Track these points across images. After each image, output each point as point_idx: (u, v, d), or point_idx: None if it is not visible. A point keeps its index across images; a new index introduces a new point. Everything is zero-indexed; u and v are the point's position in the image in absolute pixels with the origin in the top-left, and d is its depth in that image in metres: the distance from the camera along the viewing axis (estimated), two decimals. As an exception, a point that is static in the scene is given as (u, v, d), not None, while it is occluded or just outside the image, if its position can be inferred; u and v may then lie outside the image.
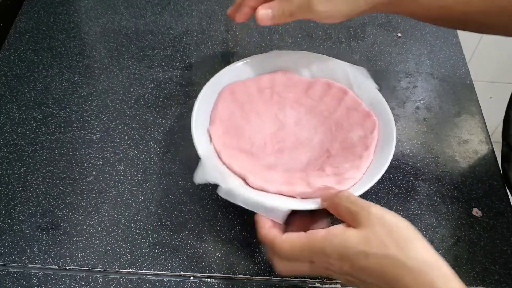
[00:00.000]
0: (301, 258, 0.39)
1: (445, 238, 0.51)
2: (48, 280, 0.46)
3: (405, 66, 0.67)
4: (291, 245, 0.39)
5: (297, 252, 0.39)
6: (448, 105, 0.62)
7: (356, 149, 0.51)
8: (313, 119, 0.55)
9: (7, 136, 0.56)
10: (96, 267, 0.47)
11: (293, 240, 0.39)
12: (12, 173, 0.53)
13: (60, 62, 0.64)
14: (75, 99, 0.60)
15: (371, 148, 0.50)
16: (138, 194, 0.52)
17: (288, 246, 0.39)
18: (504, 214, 0.53)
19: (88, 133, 0.57)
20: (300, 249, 0.39)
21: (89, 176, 0.53)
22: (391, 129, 0.51)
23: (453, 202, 0.53)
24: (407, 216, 0.52)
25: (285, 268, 0.41)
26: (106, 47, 0.66)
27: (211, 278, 0.47)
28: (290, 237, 0.39)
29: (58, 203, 0.51)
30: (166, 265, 0.47)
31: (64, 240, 0.48)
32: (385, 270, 0.35)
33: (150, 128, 0.58)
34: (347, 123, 0.54)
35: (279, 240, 0.40)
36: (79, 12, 0.70)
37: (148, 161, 0.55)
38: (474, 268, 0.49)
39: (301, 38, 0.69)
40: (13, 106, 0.59)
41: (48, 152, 0.55)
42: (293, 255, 0.39)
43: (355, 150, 0.51)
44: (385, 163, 0.48)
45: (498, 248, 0.50)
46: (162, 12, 0.71)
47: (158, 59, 0.65)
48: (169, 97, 0.61)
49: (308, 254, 0.39)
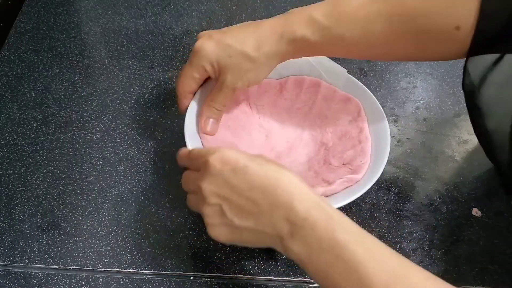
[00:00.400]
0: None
1: (445, 238, 0.51)
2: (48, 280, 0.46)
3: (405, 66, 0.67)
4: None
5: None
6: (447, 105, 0.62)
7: (351, 134, 0.51)
8: (295, 118, 0.56)
9: (7, 136, 0.56)
10: (97, 267, 0.47)
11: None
12: (13, 173, 0.53)
13: (61, 62, 0.64)
14: (75, 99, 0.60)
15: (365, 129, 0.51)
16: (138, 194, 0.52)
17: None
18: (503, 214, 0.53)
19: (89, 133, 0.57)
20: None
21: (89, 176, 0.53)
22: (376, 106, 0.52)
23: (453, 202, 0.53)
24: (407, 216, 0.52)
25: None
26: (106, 47, 0.66)
27: (211, 278, 0.47)
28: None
29: (58, 203, 0.51)
30: (166, 265, 0.47)
31: (64, 240, 0.48)
32: (268, 173, 0.37)
33: (150, 128, 0.58)
34: (330, 112, 0.54)
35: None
36: (79, 12, 0.70)
37: (148, 161, 0.55)
38: (473, 267, 0.49)
39: (301, 38, 0.69)
40: (13, 106, 0.59)
41: (49, 152, 0.55)
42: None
43: (351, 136, 0.51)
44: (386, 140, 0.49)
45: (497, 248, 0.50)
46: (162, 12, 0.71)
47: (158, 59, 0.65)
48: (169, 97, 0.61)
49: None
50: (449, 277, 0.48)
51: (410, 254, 0.49)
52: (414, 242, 0.50)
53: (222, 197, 0.38)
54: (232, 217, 0.37)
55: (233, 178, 0.37)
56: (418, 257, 0.49)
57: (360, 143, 0.50)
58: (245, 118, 0.55)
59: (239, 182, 0.37)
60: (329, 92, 0.55)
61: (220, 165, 0.37)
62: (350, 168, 0.49)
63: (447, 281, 0.48)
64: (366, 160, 0.48)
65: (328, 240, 0.34)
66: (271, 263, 0.48)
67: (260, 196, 0.36)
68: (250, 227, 0.37)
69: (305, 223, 0.35)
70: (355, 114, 0.53)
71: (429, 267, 0.49)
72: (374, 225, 0.51)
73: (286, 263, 0.48)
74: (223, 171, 0.37)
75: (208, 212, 0.39)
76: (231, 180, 0.37)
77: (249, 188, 0.36)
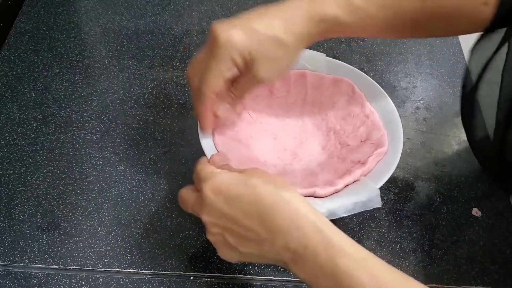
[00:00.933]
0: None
1: (445, 238, 0.51)
2: (48, 280, 0.46)
3: (405, 66, 0.67)
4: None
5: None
6: (447, 105, 0.62)
7: (354, 112, 0.52)
8: (292, 113, 0.56)
9: (7, 136, 0.56)
10: (97, 267, 0.47)
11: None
12: (13, 173, 0.53)
13: (61, 62, 0.64)
14: (75, 99, 0.60)
15: (366, 104, 0.52)
16: (138, 194, 0.52)
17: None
18: (503, 214, 0.53)
19: (89, 133, 0.57)
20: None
21: (89, 176, 0.53)
22: (365, 78, 0.53)
23: (453, 202, 0.53)
24: (407, 216, 0.52)
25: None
26: (107, 47, 0.66)
27: (211, 278, 0.47)
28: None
29: (58, 203, 0.51)
30: (166, 265, 0.47)
31: (64, 240, 0.48)
32: (262, 198, 0.35)
33: (150, 128, 0.58)
34: (324, 98, 0.55)
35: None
36: (79, 12, 0.70)
37: (148, 161, 0.55)
38: (473, 267, 0.49)
39: (301, 38, 0.69)
40: (13, 106, 0.59)
41: (49, 152, 0.55)
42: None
43: (355, 114, 0.52)
44: (391, 108, 0.50)
45: (497, 248, 0.50)
46: (162, 12, 0.71)
47: (158, 59, 0.65)
48: (169, 97, 0.61)
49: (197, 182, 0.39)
50: (449, 277, 0.48)
51: (410, 254, 0.49)
52: (414, 242, 0.50)
53: (222, 227, 0.37)
54: (235, 245, 0.37)
55: (228, 208, 0.36)
56: (418, 257, 0.49)
57: (368, 118, 0.51)
58: (250, 127, 0.54)
59: (235, 212, 0.36)
60: (316, 79, 0.55)
61: (213, 195, 0.36)
62: (371, 143, 0.49)
63: (447, 281, 0.48)
64: (383, 132, 0.50)
65: (330, 268, 0.33)
66: (271, 263, 0.48)
67: (258, 224, 0.35)
68: (255, 253, 0.37)
69: (306, 252, 0.34)
70: (350, 93, 0.53)
71: (429, 267, 0.49)
72: (374, 225, 0.51)
73: (286, 263, 0.48)
74: (217, 202, 0.36)
75: (213, 239, 0.38)
76: (226, 211, 0.36)
77: (245, 217, 0.35)
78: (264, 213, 0.35)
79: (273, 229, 0.35)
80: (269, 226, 0.35)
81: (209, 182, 0.37)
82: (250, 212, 0.35)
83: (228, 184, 0.36)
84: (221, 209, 0.36)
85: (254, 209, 0.35)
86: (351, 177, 0.46)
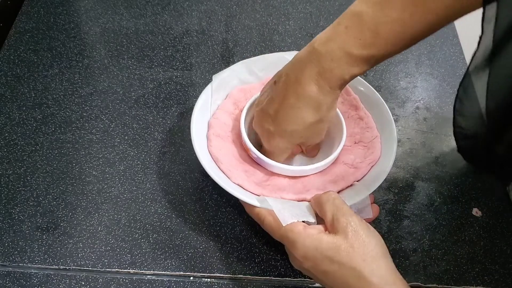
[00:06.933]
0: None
1: (445, 238, 0.51)
2: (48, 280, 0.46)
3: (405, 66, 0.67)
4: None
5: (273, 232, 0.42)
6: (448, 105, 0.62)
7: (349, 113, 0.53)
8: None
9: (7, 136, 0.56)
10: (96, 267, 0.47)
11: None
12: (12, 173, 0.53)
13: (60, 62, 0.64)
14: (75, 99, 0.60)
15: (360, 107, 0.52)
16: (138, 194, 0.52)
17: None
18: (504, 214, 0.53)
19: (88, 133, 0.57)
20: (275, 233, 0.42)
21: (89, 176, 0.53)
22: (360, 82, 0.53)
23: (453, 202, 0.53)
24: (407, 216, 0.52)
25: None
26: (106, 47, 0.66)
27: (211, 278, 0.47)
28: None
29: (58, 203, 0.51)
30: (166, 265, 0.47)
31: (64, 240, 0.48)
32: (347, 280, 0.37)
33: (150, 128, 0.58)
34: None
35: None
36: (79, 12, 0.70)
37: (148, 161, 0.55)
38: (474, 268, 0.49)
39: (301, 38, 0.69)
40: (13, 106, 0.59)
41: (48, 152, 0.55)
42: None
43: (349, 115, 0.53)
44: (385, 112, 0.51)
45: (498, 248, 0.50)
46: (162, 12, 0.71)
47: (158, 59, 0.65)
48: (169, 97, 0.61)
49: (279, 238, 0.42)
50: (449, 277, 0.48)
51: (410, 254, 0.49)
52: (414, 242, 0.50)
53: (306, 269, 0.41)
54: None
55: (316, 273, 0.39)
56: (418, 257, 0.49)
57: (362, 120, 0.51)
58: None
59: (323, 278, 0.39)
60: None
61: (302, 259, 0.39)
62: (364, 145, 0.50)
63: (447, 281, 0.48)
64: (375, 134, 0.50)
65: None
66: (271, 263, 0.48)
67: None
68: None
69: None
70: (344, 95, 0.54)
71: (429, 267, 0.49)
72: (374, 225, 0.51)
73: (286, 263, 0.48)
74: (307, 267, 0.39)
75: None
76: (314, 274, 0.39)
77: (327, 280, 0.39)
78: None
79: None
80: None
81: (297, 249, 0.39)
82: (336, 284, 0.38)
83: (314, 257, 0.38)
84: (309, 269, 0.40)
85: (338, 282, 0.38)
86: (344, 182, 0.46)
